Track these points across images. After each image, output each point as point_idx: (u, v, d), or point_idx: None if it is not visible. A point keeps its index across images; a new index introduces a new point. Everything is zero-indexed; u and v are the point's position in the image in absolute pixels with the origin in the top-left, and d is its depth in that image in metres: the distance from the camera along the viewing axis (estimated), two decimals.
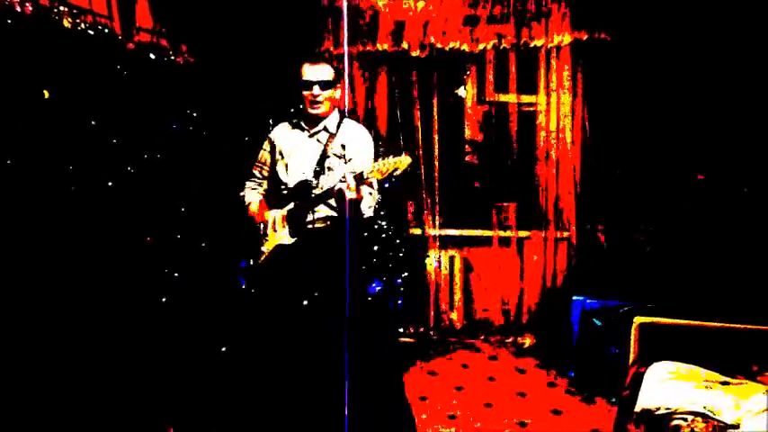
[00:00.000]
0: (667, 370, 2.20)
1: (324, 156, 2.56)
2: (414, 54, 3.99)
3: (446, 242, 4.14)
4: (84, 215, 2.59)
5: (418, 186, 4.10)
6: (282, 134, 2.67)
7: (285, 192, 2.61)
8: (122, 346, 2.70)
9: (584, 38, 3.77)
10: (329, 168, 2.56)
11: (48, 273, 2.43)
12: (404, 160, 2.29)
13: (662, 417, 1.97)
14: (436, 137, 4.06)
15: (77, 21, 2.34)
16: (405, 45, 3.99)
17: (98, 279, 2.74)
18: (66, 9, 2.38)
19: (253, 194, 2.77)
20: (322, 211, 2.54)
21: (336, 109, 2.62)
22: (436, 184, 4.09)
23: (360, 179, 2.30)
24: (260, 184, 2.77)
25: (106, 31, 2.47)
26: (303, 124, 2.62)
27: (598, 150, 3.85)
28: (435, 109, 4.05)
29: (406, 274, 4.04)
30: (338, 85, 2.56)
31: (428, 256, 4.14)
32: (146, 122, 2.92)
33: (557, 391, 3.27)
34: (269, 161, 2.72)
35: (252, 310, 2.86)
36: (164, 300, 3.20)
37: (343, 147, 2.56)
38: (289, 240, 2.54)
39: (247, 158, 2.98)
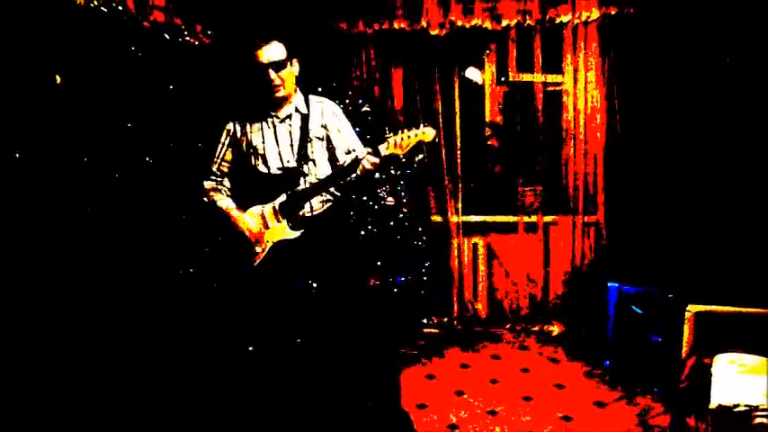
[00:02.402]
0: (738, 363, 2.07)
1: (304, 140, 2.42)
2: (433, 33, 3.79)
3: (469, 229, 3.99)
4: (90, 209, 2.41)
5: (439, 172, 3.93)
6: (246, 125, 2.45)
7: (265, 185, 2.43)
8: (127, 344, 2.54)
9: (613, 13, 3.59)
10: (312, 153, 2.44)
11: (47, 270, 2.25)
12: (427, 132, 2.21)
13: (742, 414, 1.84)
14: (458, 120, 3.89)
15: None
16: (424, 23, 3.79)
17: (103, 276, 2.57)
18: None
19: (225, 199, 2.51)
20: (318, 195, 2.44)
21: (298, 87, 2.46)
22: (458, 169, 3.92)
23: (377, 155, 2.22)
24: (221, 183, 2.54)
25: (120, 8, 2.26)
26: (269, 110, 2.44)
27: (627, 130, 3.69)
28: (456, 91, 3.87)
29: (428, 263, 3.89)
30: (293, 61, 2.39)
31: (450, 244, 3.99)
32: (160, 108, 2.73)
33: (594, 381, 3.15)
34: (231, 157, 2.50)
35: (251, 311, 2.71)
36: (173, 297, 3.04)
37: (324, 127, 2.47)
38: (292, 235, 2.39)
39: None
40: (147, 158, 2.48)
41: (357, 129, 2.74)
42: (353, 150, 2.49)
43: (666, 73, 3.54)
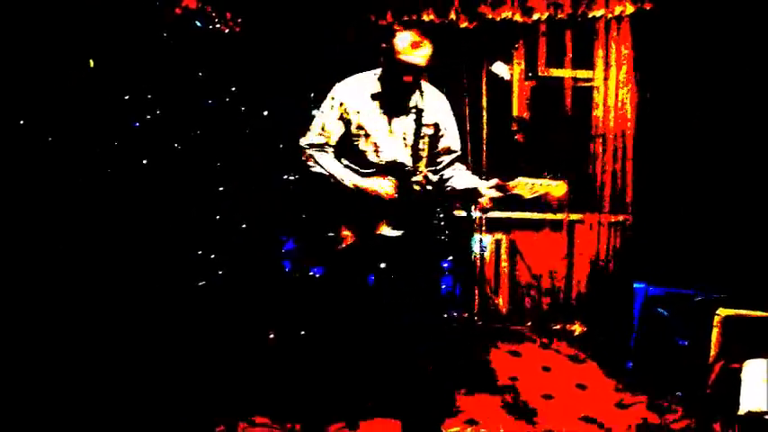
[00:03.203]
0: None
1: (418, 137, 2.28)
2: (462, 26, 3.76)
3: (492, 224, 3.95)
4: (118, 195, 2.45)
5: (464, 165, 3.89)
6: (360, 105, 2.28)
7: (372, 173, 2.31)
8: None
9: (648, 8, 3.52)
10: (422, 151, 2.31)
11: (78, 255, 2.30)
12: (559, 188, 2.10)
13: None
14: (485, 114, 3.85)
15: None
16: (452, 16, 3.76)
17: (133, 262, 2.61)
18: None
19: (347, 172, 2.33)
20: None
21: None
22: (483, 163, 3.89)
23: (503, 190, 2.12)
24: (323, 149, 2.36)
25: None
26: (390, 98, 2.27)
27: (658, 128, 3.62)
28: (484, 85, 3.83)
29: (450, 257, 3.87)
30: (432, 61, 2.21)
31: (473, 239, 3.96)
32: (188, 96, 2.75)
33: (616, 383, 3.10)
34: (339, 133, 2.33)
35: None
36: (200, 284, 3.09)
37: (436, 125, 2.31)
38: (392, 233, 2.28)
39: (289, 137, 2.76)
40: (176, 144, 2.50)
41: None
42: (454, 151, 2.36)
43: (701, 69, 3.46)
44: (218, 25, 2.71)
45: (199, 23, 2.57)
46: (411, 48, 2.09)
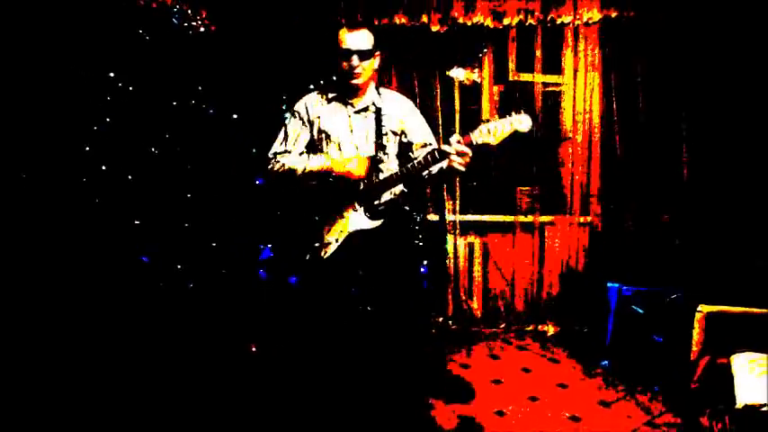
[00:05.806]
0: (757, 362, 2.09)
1: (380, 133, 2.38)
2: (434, 29, 3.75)
3: (465, 228, 3.97)
4: (93, 200, 2.30)
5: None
6: (320, 110, 2.42)
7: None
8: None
9: (614, 15, 3.63)
10: (387, 146, 2.42)
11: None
12: (523, 120, 2.09)
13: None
14: (458, 117, 3.86)
15: None
16: (424, 19, 3.75)
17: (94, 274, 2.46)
18: None
19: (313, 158, 2.37)
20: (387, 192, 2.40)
21: (372, 80, 2.44)
22: None
23: (470, 145, 2.13)
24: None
25: None
26: (345, 99, 2.40)
27: (625, 131, 3.74)
28: (457, 89, 3.84)
29: (425, 261, 3.85)
30: (377, 53, 2.39)
31: (446, 243, 3.96)
32: (159, 97, 2.61)
33: (596, 381, 3.16)
34: (303, 141, 2.46)
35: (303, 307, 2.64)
36: (166, 295, 2.96)
37: (402, 123, 2.45)
38: (371, 224, 2.33)
39: (262, 142, 2.67)
40: (153, 149, 2.35)
41: None
42: (429, 144, 2.44)
43: (667, 75, 3.60)
44: (193, 23, 2.58)
45: (175, 21, 2.44)
46: (347, 33, 2.28)
